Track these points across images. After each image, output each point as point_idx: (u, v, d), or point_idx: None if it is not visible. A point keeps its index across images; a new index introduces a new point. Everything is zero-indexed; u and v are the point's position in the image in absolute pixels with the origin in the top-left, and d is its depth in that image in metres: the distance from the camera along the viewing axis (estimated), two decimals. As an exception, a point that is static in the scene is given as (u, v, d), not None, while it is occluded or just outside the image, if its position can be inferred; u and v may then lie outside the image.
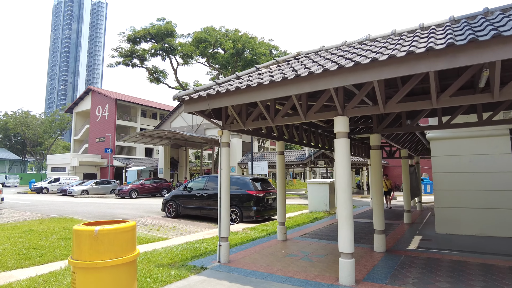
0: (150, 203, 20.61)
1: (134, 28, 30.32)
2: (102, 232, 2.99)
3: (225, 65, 34.11)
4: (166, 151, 35.45)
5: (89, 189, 29.08)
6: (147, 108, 47.78)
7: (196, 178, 13.65)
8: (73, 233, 3.09)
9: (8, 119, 63.25)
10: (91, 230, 2.98)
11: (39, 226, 9.65)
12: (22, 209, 15.83)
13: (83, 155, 41.11)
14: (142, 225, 11.20)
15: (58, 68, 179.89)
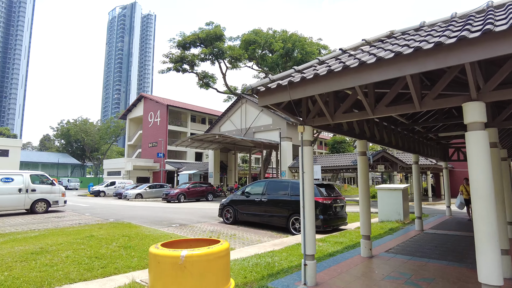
0: (201, 207, 20.25)
1: (184, 33, 30.67)
2: (191, 259, 2.16)
3: (274, 67, 33.35)
4: (216, 155, 35.41)
5: (143, 192, 29.73)
6: (196, 114, 48.53)
7: (254, 182, 12.84)
8: (150, 258, 2.28)
9: (70, 127, 68.10)
10: (175, 256, 2.15)
11: (99, 232, 9.37)
12: (82, 212, 16.14)
13: (136, 160, 42.59)
14: (201, 232, 10.60)
15: (112, 79, 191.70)
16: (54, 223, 12.05)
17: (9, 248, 7.30)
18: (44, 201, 15.19)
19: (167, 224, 12.15)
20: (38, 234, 9.05)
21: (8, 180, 14.21)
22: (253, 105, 32.05)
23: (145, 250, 7.15)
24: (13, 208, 14.39)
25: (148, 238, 8.52)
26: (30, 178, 14.93)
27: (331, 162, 26.98)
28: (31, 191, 14.76)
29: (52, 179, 15.96)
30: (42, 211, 15.04)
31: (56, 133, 72.56)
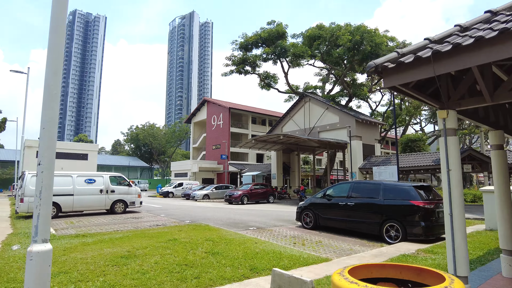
0: (267, 209, 19.55)
1: (246, 34, 30.53)
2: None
3: (338, 62, 31.71)
4: (278, 156, 34.72)
5: (209, 193, 30.07)
6: (256, 115, 48.47)
7: (336, 184, 11.73)
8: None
9: (139, 131, 72.71)
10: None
11: (180, 235, 9.04)
12: (157, 213, 16.39)
13: (201, 162, 43.68)
14: (281, 237, 9.80)
15: (175, 86, 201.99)
16: (133, 224, 12.17)
17: (99, 249, 7.17)
18: (122, 202, 15.67)
19: (243, 227, 11.58)
20: (122, 235, 8.98)
21: (91, 181, 14.87)
22: (317, 104, 30.76)
23: (235, 258, 6.51)
24: (95, 208, 15.03)
25: (233, 243, 7.91)
26: (110, 179, 15.50)
27: (408, 162, 24.64)
28: (110, 192, 15.30)
29: (129, 180, 16.44)
30: (120, 212, 15.52)
31: (127, 138, 78.02)
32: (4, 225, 12.14)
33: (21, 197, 13.46)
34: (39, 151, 2.60)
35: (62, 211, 14.17)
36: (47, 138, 2.62)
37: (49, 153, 2.61)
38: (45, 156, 2.58)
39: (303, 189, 26.55)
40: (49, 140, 2.62)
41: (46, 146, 2.60)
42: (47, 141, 2.61)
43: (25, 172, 13.95)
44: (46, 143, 2.61)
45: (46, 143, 2.61)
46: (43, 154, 2.58)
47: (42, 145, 2.62)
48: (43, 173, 2.57)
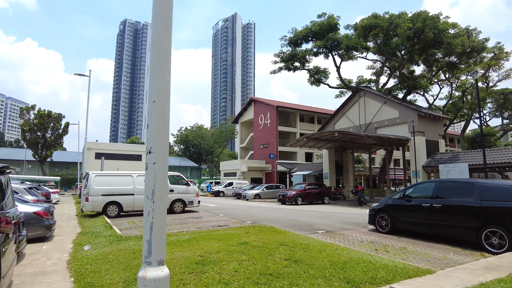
0: (326, 210, 18.40)
1: (296, 29, 29.52)
2: None
3: (395, 53, 29.54)
4: (330, 155, 33.23)
5: (260, 193, 29.53)
6: (305, 113, 47.20)
7: (417, 184, 10.44)
8: None
9: (188, 133, 74.56)
10: None
11: (249, 237, 8.38)
12: (215, 212, 16.03)
13: (250, 161, 43.41)
14: (357, 242, 8.79)
15: (219, 88, 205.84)
16: (194, 224, 11.80)
17: (169, 253, 6.70)
18: (181, 201, 15.49)
19: (310, 230, 10.70)
20: (188, 237, 8.52)
21: (150, 180, 14.84)
22: (373, 98, 28.89)
23: (323, 267, 5.66)
24: (155, 207, 14.99)
25: (311, 249, 7.06)
26: (168, 178, 15.39)
27: (481, 159, 22.06)
28: (169, 191, 15.17)
29: (187, 180, 16.26)
30: (179, 211, 15.35)
31: (176, 139, 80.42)
32: (72, 223, 12.40)
33: (86, 196, 13.75)
34: (148, 133, 1.99)
35: (124, 210, 14.27)
36: (159, 115, 2.00)
37: (161, 136, 1.99)
38: (157, 140, 1.97)
39: (361, 189, 24.89)
40: (161, 118, 1.99)
41: (157, 127, 1.99)
42: (160, 118, 1.99)
43: (89, 172, 14.25)
44: (158, 122, 1.99)
45: (157, 122, 2.00)
46: (154, 137, 1.97)
47: (152, 125, 2.01)
48: (156, 165, 1.96)
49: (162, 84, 2.08)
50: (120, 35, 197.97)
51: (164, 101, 2.06)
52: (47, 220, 8.31)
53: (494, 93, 43.19)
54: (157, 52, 2.10)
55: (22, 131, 48.71)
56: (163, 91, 2.07)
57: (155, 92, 2.04)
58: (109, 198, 13.88)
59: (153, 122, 2.02)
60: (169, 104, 2.09)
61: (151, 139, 2.00)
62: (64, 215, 15.71)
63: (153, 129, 2.00)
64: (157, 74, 2.08)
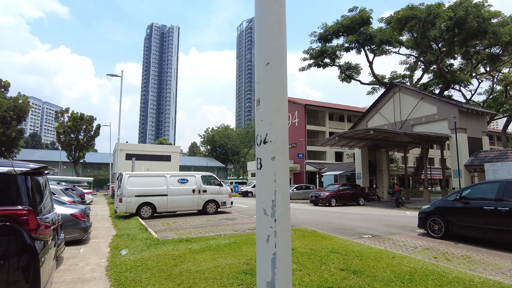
0: (365, 212, 17.40)
1: (326, 24, 28.54)
2: None
3: (431, 46, 27.92)
4: (363, 154, 31.97)
5: (291, 194, 28.76)
6: (334, 111, 45.93)
7: (476, 184, 9.44)
8: None
9: (215, 133, 74.89)
10: None
11: (293, 243, 7.76)
12: (248, 214, 15.52)
13: (278, 161, 42.70)
14: (411, 248, 7.97)
15: (244, 89, 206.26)
16: (230, 226, 11.32)
17: (212, 259, 6.21)
18: (214, 202, 15.11)
19: (354, 234, 9.94)
20: (228, 241, 8.02)
21: (183, 181, 14.55)
22: (409, 94, 27.42)
23: (388, 279, 4.96)
24: (188, 208, 14.68)
25: (366, 256, 6.36)
26: (201, 179, 15.06)
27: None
28: (203, 192, 14.84)
29: (220, 180, 15.86)
30: (212, 212, 14.97)
31: (203, 140, 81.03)
32: (107, 224, 12.27)
33: (120, 197, 13.62)
34: (261, 113, 1.38)
35: (157, 211, 14.05)
36: (276, 83, 1.42)
37: (280, 117, 1.42)
38: (275, 123, 1.40)
39: (398, 190, 23.63)
40: (279, 88, 1.42)
41: (274, 102, 1.42)
42: (277, 90, 1.41)
43: (123, 173, 14.14)
44: (276, 96, 1.42)
45: (275, 95, 1.42)
46: (270, 118, 1.41)
47: (266, 99, 1.43)
48: (276, 162, 1.39)
49: (278, 39, 1.47)
50: (147, 39, 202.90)
51: (281, 64, 1.46)
52: (84, 223, 8.08)
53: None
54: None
55: (57, 134, 50.56)
56: (279, 50, 1.48)
57: (269, 51, 1.44)
58: (143, 199, 13.69)
59: (267, 95, 1.42)
60: (286, 70, 1.49)
61: (266, 120, 1.41)
62: (98, 216, 15.74)
63: (268, 105, 1.41)
64: (271, 26, 1.49)
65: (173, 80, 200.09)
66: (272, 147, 1.38)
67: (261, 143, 1.48)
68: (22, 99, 48.53)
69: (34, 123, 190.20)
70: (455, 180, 23.28)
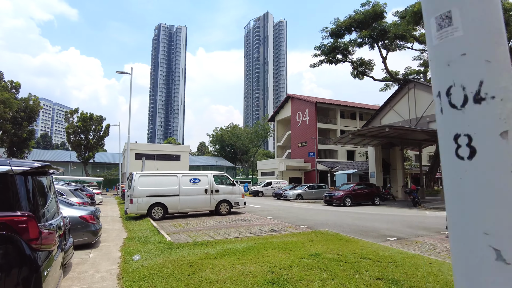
0: (383, 212, 16.70)
1: (338, 19, 27.80)
2: None
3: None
4: (377, 152, 31.15)
5: (303, 193, 28.19)
6: (345, 109, 45.06)
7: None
8: None
9: (223, 132, 74.54)
10: None
11: (317, 247, 7.20)
12: (262, 214, 14.98)
13: (289, 160, 42.09)
14: (443, 252, 7.32)
15: (252, 88, 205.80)
16: (245, 228, 10.80)
17: (232, 266, 5.68)
18: (227, 202, 14.61)
19: (379, 237, 9.32)
20: (247, 245, 7.49)
21: (195, 181, 14.08)
22: (425, 90, 26.52)
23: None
24: (200, 208, 14.21)
25: (400, 263, 5.75)
26: (214, 178, 14.57)
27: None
28: (215, 192, 14.35)
29: (232, 179, 15.35)
30: (225, 213, 14.47)
31: (212, 139, 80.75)
32: (117, 226, 11.85)
33: (131, 197, 13.21)
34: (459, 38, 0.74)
35: (169, 212, 13.61)
36: None
37: (502, 46, 0.82)
38: (496, 57, 0.79)
39: (415, 189, 22.83)
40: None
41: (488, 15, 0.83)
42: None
43: (133, 173, 13.73)
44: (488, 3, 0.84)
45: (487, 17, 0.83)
46: (490, 48, 0.79)
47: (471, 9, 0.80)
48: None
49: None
50: (155, 39, 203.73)
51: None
52: (93, 225, 7.63)
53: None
54: None
55: (67, 134, 50.69)
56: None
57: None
58: (154, 199, 13.26)
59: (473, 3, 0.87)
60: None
61: (474, 54, 0.77)
62: (108, 217, 15.37)
63: (477, 23, 0.81)
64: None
65: (181, 80, 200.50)
66: (499, 109, 0.77)
67: (465, 101, 0.82)
68: (33, 99, 48.77)
69: (45, 124, 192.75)
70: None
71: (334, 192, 22.99)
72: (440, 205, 20.93)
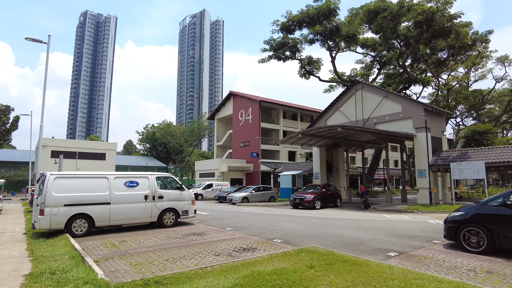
0: (353, 218, 15.41)
1: (291, 12, 26.45)
2: None
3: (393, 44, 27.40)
4: (322, 153, 30.60)
5: (249, 196, 26.21)
6: (287, 109, 44.34)
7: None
8: None
9: (156, 130, 69.18)
10: None
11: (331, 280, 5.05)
12: (216, 224, 12.41)
13: (231, 161, 39.73)
14: (466, 271, 5.79)
15: (186, 86, 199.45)
16: (204, 246, 8.22)
17: None
18: (173, 211, 11.77)
19: (375, 251, 7.62)
20: (227, 284, 5.01)
21: (133, 184, 10.99)
22: (372, 91, 26.55)
23: None
24: (139, 220, 11.13)
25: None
26: (157, 181, 11.62)
27: (495, 157, 20.30)
28: (158, 198, 11.41)
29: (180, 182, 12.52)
30: (170, 224, 11.63)
31: (142, 137, 74.62)
32: (17, 251, 8.29)
33: (41, 208, 9.63)
34: None
35: (96, 225, 10.32)
36: None
37: None
38: None
39: (364, 190, 22.44)
40: None
41: None
42: None
43: (46, 173, 10.14)
44: None
45: None
46: None
47: None
48: None
49: None
50: (80, 27, 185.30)
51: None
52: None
53: (470, 93, 42.96)
54: None
55: (-40, 126, 41.56)
56: None
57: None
58: (75, 209, 9.88)
59: None
60: None
61: None
62: (5, 233, 11.37)
63: None
64: None
65: (107, 73, 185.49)
66: None
67: None
68: None
69: None
70: (420, 180, 22.71)
71: (304, 194, 21.85)
72: (390, 207, 20.69)
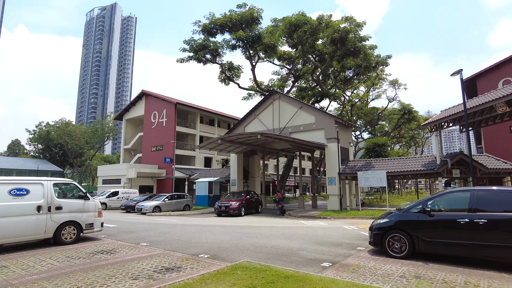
0: (277, 225, 15.26)
1: (213, 14, 25.80)
2: None
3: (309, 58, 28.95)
4: (239, 160, 30.48)
5: (161, 205, 24.35)
6: (204, 114, 43.24)
7: (444, 193, 8.27)
8: None
9: (51, 129, 60.57)
10: None
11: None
12: (127, 239, 10.79)
13: (140, 166, 36.64)
14: (385, 277, 5.86)
15: (89, 82, 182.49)
16: (117, 267, 6.86)
17: None
18: (74, 225, 9.82)
19: (308, 262, 7.38)
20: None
21: (21, 192, 8.80)
22: (289, 102, 27.51)
23: None
24: (28, 237, 8.94)
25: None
26: (54, 189, 9.57)
27: (394, 167, 22.78)
28: (55, 209, 9.38)
29: (84, 191, 10.57)
30: (70, 241, 9.67)
31: (33, 137, 64.59)
32: None
33: None
34: None
35: (-37, 246, 7.90)
36: None
37: None
38: None
39: (280, 197, 22.92)
40: None
41: None
42: None
43: None
44: None
45: None
46: None
47: None
48: None
49: None
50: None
51: None
52: None
53: (369, 110, 48.54)
54: None
55: None
56: None
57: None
58: None
59: None
60: None
61: None
62: None
63: None
64: None
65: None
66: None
67: None
68: None
69: None
70: (330, 187, 24.13)
71: (229, 202, 21.42)
72: (304, 213, 21.42)
